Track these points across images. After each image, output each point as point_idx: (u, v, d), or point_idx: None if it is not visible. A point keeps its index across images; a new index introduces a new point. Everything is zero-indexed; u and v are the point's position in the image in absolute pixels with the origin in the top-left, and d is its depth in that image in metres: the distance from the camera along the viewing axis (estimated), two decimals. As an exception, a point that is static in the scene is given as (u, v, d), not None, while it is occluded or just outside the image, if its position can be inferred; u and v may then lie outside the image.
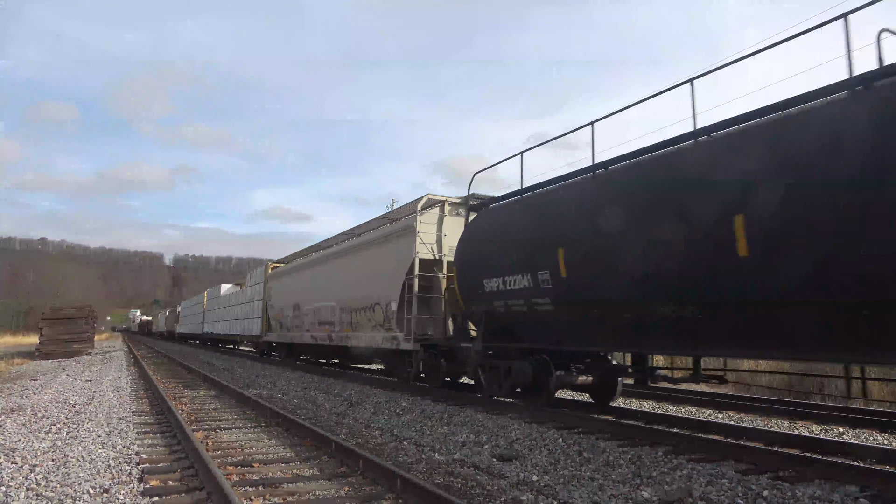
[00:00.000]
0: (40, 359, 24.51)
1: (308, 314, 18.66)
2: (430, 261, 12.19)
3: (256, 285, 25.74)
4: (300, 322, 19.51)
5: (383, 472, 5.27)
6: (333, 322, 16.48)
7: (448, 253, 12.11)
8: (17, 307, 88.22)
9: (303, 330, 19.20)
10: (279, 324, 22.24)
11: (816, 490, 4.99)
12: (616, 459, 6.17)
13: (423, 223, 12.27)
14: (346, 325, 15.64)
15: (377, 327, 13.84)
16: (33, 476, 5.41)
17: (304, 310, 18.94)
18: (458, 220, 12.23)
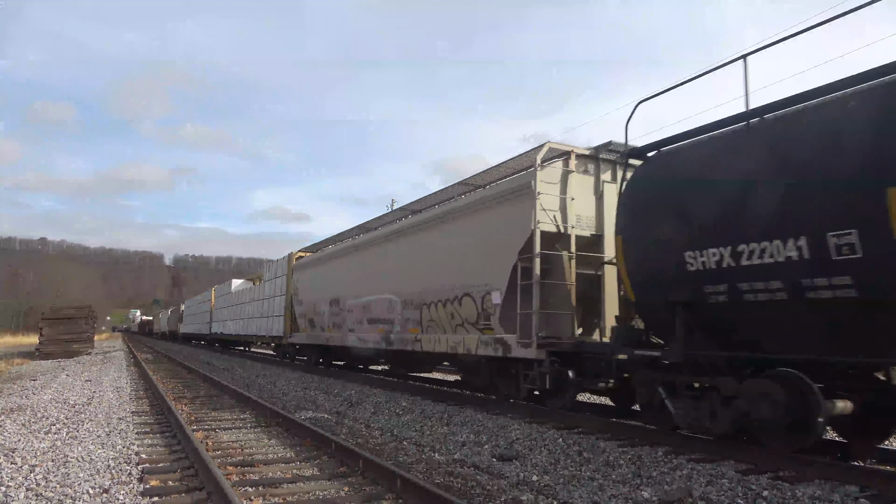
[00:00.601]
0: (40, 359, 24.51)
1: (352, 311, 15.15)
2: (553, 234, 8.97)
3: (277, 279, 22.34)
4: (340, 320, 15.89)
5: (383, 472, 5.27)
6: (391, 320, 13.01)
7: (576, 224, 9.21)
8: (17, 307, 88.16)
9: (344, 330, 15.66)
10: (309, 323, 18.47)
11: (816, 490, 4.99)
12: (616, 459, 6.17)
13: (543, 182, 8.99)
14: (412, 323, 12.11)
15: (465, 327, 10.48)
16: (33, 476, 5.41)
17: (347, 305, 15.48)
18: (585, 179, 9.44)
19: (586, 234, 9.24)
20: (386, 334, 13.21)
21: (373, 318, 14.02)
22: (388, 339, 13.09)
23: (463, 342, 10.42)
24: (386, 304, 13.29)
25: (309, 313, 18.47)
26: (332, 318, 16.59)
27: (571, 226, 9.15)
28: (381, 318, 13.57)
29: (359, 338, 14.70)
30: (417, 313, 11.92)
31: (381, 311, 13.57)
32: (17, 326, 71.82)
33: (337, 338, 16.18)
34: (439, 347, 11.15)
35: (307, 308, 18.61)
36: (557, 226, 9.09)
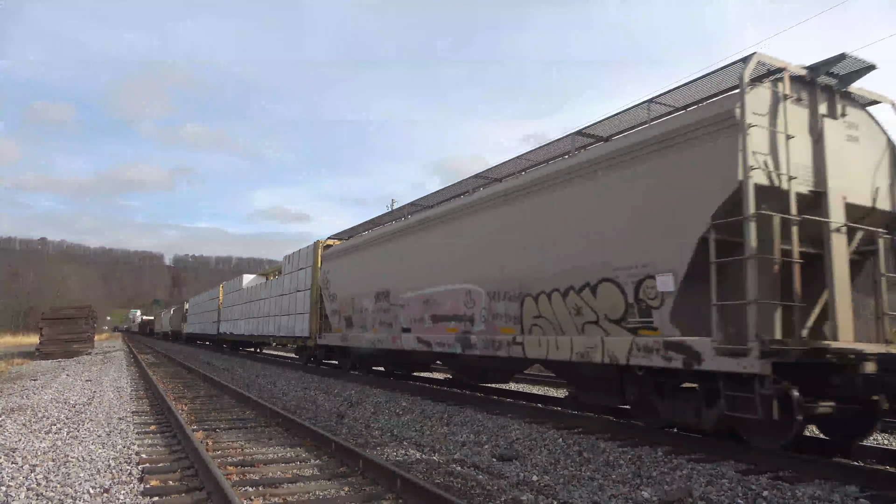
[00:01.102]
0: (40, 359, 24.51)
1: (408, 306, 12.07)
2: (764, 189, 6.13)
3: (301, 271, 19.36)
4: (390, 318, 12.85)
5: (383, 472, 5.27)
6: (469, 317, 10.08)
7: (800, 174, 6.39)
8: (17, 307, 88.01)
9: (395, 330, 12.61)
10: (345, 321, 15.23)
11: (816, 490, 5.00)
12: (616, 459, 6.18)
13: (753, 112, 6.18)
14: (504, 320, 9.26)
15: (603, 325, 7.52)
16: (33, 476, 5.41)
17: (400, 300, 12.36)
18: (799, 112, 6.64)
19: (803, 189, 6.43)
20: (462, 335, 10.13)
21: (439, 315, 10.94)
22: (466, 342, 9.95)
23: (601, 347, 7.34)
24: (460, 296, 10.30)
25: (345, 310, 15.22)
26: (377, 315, 13.38)
27: (790, 177, 6.29)
28: (453, 315, 10.49)
29: (418, 339, 11.52)
30: (515, 307, 8.95)
31: (454, 305, 10.51)
32: (17, 326, 71.78)
33: (385, 339, 12.89)
34: (557, 353, 8.06)
35: (342, 304, 15.37)
36: (770, 176, 6.24)
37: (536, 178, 8.90)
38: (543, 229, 8.56)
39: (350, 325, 15.00)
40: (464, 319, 10.25)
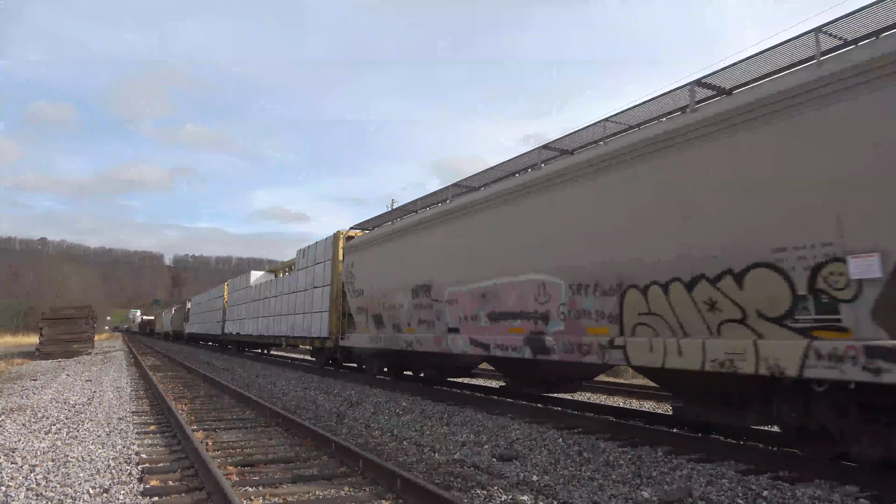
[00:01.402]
0: (40, 359, 24.52)
1: (457, 302, 10.25)
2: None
3: (318, 265, 17.65)
4: (432, 315, 10.97)
5: (383, 472, 5.27)
6: (544, 314, 8.25)
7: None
8: (17, 307, 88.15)
9: (439, 329, 10.77)
10: (374, 320, 13.30)
11: (816, 490, 5.00)
12: (616, 459, 6.18)
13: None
14: (594, 319, 7.46)
15: (752, 324, 5.77)
16: (33, 476, 5.41)
17: (447, 295, 10.50)
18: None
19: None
20: (532, 337, 8.32)
21: (500, 312, 9.21)
22: (538, 345, 8.13)
23: (753, 353, 5.52)
24: (530, 289, 8.50)
25: (373, 307, 13.25)
26: (415, 312, 11.49)
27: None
28: (520, 312, 8.76)
29: (471, 341, 9.67)
30: (611, 302, 7.11)
31: (520, 300, 8.74)
32: (17, 326, 71.82)
33: (425, 340, 11.03)
34: (679, 360, 6.22)
35: (371, 300, 13.39)
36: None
37: (658, 134, 6.61)
38: (659, 202, 6.59)
39: (380, 323, 13.10)
40: (534, 317, 8.47)
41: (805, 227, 5.25)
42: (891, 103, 4.69)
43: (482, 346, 9.45)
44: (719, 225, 5.95)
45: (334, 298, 16.09)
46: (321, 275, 17.28)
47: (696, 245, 6.18)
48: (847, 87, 4.96)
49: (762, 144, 5.57)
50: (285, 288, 21.16)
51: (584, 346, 7.42)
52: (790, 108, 5.36)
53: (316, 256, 18.02)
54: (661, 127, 6.79)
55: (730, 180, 5.85)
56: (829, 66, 5.17)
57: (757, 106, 5.63)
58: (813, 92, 5.17)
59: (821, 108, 5.14)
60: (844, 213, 5.02)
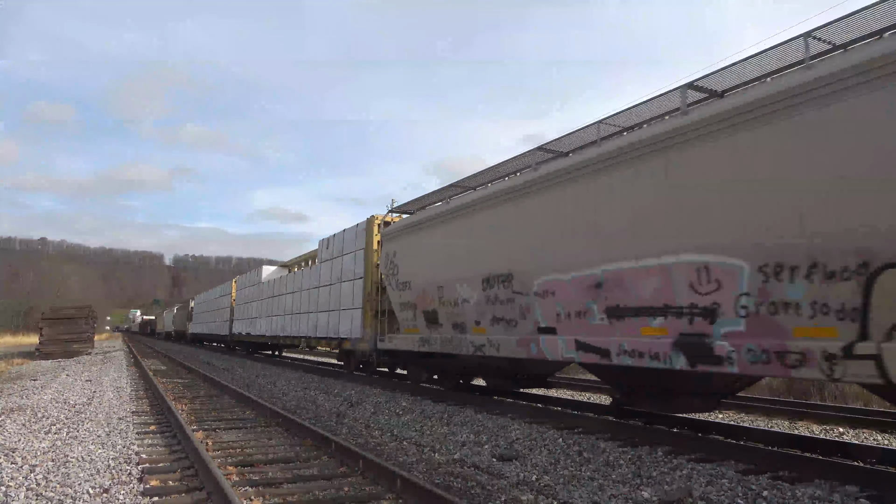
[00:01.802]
0: (40, 359, 24.52)
1: (554, 294, 8.02)
2: None
3: (347, 256, 15.42)
4: (514, 312, 8.81)
5: (383, 472, 5.27)
6: (708, 309, 6.05)
7: None
8: (17, 307, 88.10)
9: (523, 329, 8.65)
10: (424, 317, 11.15)
11: (816, 490, 5.00)
12: (616, 459, 6.18)
13: None
14: (811, 314, 5.18)
15: None
16: (33, 476, 5.41)
17: (539, 285, 8.25)
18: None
19: None
20: (688, 340, 6.20)
21: (628, 307, 6.91)
22: (702, 351, 6.02)
23: None
24: (681, 274, 6.28)
25: (425, 302, 11.09)
26: (487, 308, 9.36)
27: None
28: (663, 306, 6.51)
29: (577, 344, 7.49)
30: (848, 290, 4.90)
31: (661, 290, 6.52)
32: (17, 326, 71.80)
33: (505, 343, 8.90)
34: None
35: (421, 294, 11.19)
36: None
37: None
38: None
39: (433, 322, 10.92)
40: (688, 313, 6.24)
41: None
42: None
43: (597, 351, 7.16)
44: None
45: (368, 293, 14.00)
46: (350, 267, 15.16)
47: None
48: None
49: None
50: (305, 283, 19.06)
51: (789, 354, 5.22)
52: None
53: (344, 246, 15.81)
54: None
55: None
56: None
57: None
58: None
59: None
60: None
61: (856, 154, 4.78)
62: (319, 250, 18.13)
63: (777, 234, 5.33)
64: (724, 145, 5.79)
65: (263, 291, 24.48)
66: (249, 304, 26.85)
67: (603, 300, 7.19)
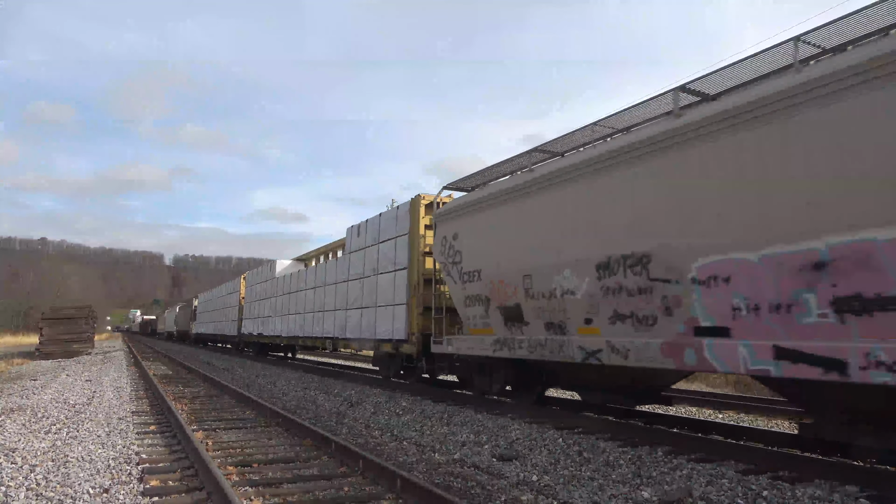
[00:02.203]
0: (40, 359, 24.52)
1: (731, 279, 5.78)
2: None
3: (385, 243, 13.27)
4: (654, 305, 6.62)
5: (383, 472, 5.27)
6: None
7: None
8: (17, 307, 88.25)
9: (668, 329, 6.48)
10: (502, 314, 9.13)
11: (816, 490, 5.00)
12: (616, 459, 6.18)
13: None
14: None
15: None
16: (33, 476, 5.41)
17: (698, 268, 6.09)
18: None
19: None
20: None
21: (883, 297, 4.70)
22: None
23: None
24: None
25: (501, 296, 9.06)
26: (605, 301, 7.26)
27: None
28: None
29: (777, 352, 5.37)
30: None
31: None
32: (17, 326, 71.87)
33: (642, 349, 6.73)
34: None
35: (494, 286, 9.17)
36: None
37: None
38: None
39: (516, 320, 8.83)
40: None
41: None
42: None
43: (819, 362, 5.04)
44: None
45: (414, 286, 11.89)
46: (389, 256, 12.96)
47: None
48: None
49: None
50: (330, 277, 16.75)
51: None
52: None
53: (380, 232, 13.55)
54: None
55: None
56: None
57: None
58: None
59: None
60: None
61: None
62: (348, 239, 15.79)
63: None
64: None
65: (278, 288, 22.06)
66: (261, 301, 24.40)
67: (828, 288, 5.02)
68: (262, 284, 24.58)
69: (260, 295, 24.82)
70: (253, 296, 26.18)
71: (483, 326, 9.63)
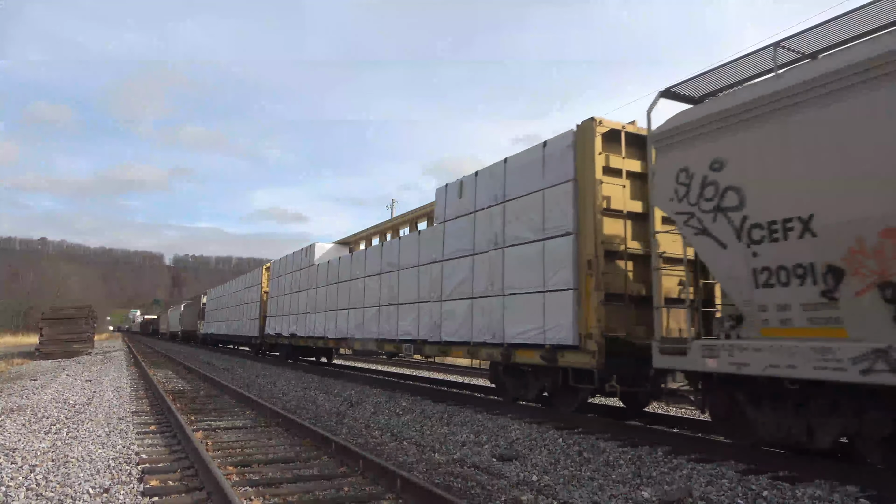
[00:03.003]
0: (40, 359, 24.52)
1: None
2: None
3: (519, 200, 9.24)
4: None
5: (383, 472, 5.27)
6: None
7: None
8: (17, 307, 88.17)
9: None
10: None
11: (816, 490, 5.00)
12: (616, 459, 6.18)
13: None
14: None
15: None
16: (33, 476, 5.41)
17: None
18: None
19: None
20: None
21: None
22: None
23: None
24: None
25: (881, 264, 4.81)
26: None
27: None
28: None
29: None
30: None
31: None
32: (17, 326, 71.86)
33: None
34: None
35: (853, 249, 4.99)
36: None
37: None
38: None
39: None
40: None
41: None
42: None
43: None
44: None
45: (590, 262, 7.78)
46: (531, 218, 8.84)
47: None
48: None
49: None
50: (408, 256, 12.44)
51: None
52: None
53: (506, 186, 9.50)
54: None
55: None
56: None
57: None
58: None
59: None
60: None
61: None
62: (441, 203, 11.30)
63: None
64: None
65: (319, 277, 17.83)
66: (293, 295, 20.07)
67: None
68: (295, 274, 20.18)
69: (291, 287, 20.48)
70: (281, 288, 21.77)
71: (814, 324, 5.30)
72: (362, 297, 14.61)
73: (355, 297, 15.07)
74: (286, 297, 20.99)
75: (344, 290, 15.95)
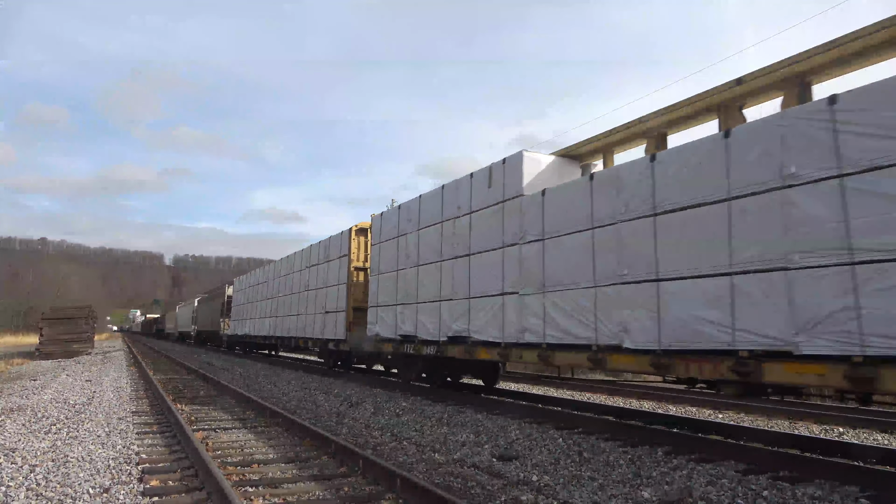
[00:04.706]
0: (40, 359, 24.51)
1: None
2: None
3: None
4: None
5: (383, 472, 5.27)
6: None
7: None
8: (17, 307, 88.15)
9: None
10: None
11: (816, 490, 5.00)
12: (616, 459, 6.18)
13: None
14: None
15: None
16: (33, 476, 5.41)
17: None
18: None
19: None
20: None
21: None
22: None
23: None
24: None
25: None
26: None
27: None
28: None
29: None
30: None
31: None
32: (17, 326, 71.84)
33: None
34: None
35: None
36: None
37: None
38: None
39: None
40: None
41: None
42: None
43: None
44: None
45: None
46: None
47: None
48: None
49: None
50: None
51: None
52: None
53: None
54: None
55: None
56: None
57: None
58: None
59: None
60: None
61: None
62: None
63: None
64: None
65: (529, 219, 8.81)
66: (448, 264, 10.73)
67: None
68: (457, 222, 10.62)
69: (434, 249, 11.27)
70: (403, 256, 12.49)
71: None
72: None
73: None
74: (423, 271, 11.63)
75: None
